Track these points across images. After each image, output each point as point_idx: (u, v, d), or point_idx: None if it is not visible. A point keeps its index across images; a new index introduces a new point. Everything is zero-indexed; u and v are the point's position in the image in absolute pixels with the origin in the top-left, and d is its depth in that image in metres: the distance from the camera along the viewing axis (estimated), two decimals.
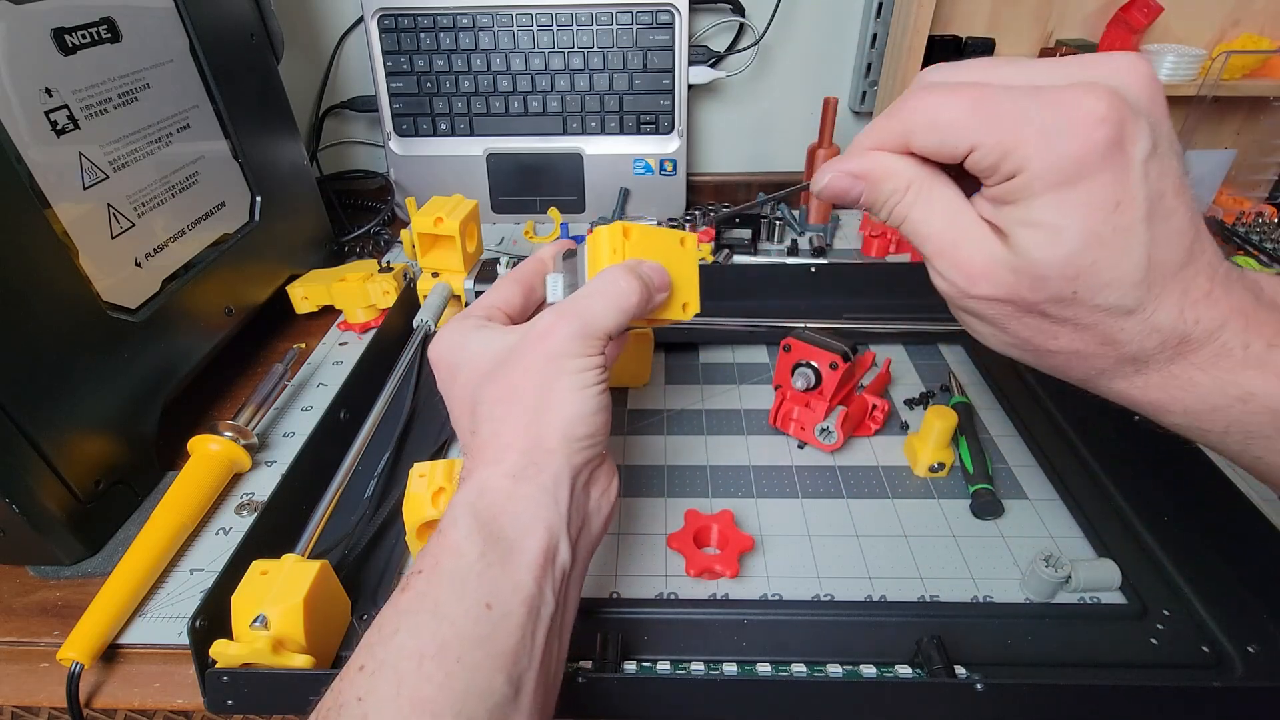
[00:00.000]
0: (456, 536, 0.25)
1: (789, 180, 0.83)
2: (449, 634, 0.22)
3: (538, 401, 0.27)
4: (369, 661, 0.22)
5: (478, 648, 0.23)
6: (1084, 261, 0.21)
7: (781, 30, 0.77)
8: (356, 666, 0.22)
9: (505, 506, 0.26)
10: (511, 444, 0.27)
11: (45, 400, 0.36)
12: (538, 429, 0.27)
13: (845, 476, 0.44)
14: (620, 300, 0.28)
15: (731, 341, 0.56)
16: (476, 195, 0.73)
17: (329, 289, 0.59)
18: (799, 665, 0.33)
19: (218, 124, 0.52)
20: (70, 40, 0.39)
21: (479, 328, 0.30)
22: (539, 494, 0.26)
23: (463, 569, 0.24)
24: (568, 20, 0.70)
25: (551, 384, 0.27)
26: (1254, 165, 0.73)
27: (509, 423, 0.27)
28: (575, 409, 0.27)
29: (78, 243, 0.39)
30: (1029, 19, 0.70)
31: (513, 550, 0.25)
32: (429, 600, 0.23)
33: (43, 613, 0.37)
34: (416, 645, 0.22)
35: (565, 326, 0.28)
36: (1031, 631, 0.34)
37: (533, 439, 0.27)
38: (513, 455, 0.27)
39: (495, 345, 0.29)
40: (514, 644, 0.23)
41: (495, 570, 0.24)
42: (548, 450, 0.27)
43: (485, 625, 0.23)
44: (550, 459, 0.27)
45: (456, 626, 0.23)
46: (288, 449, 0.47)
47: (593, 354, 0.28)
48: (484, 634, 0.23)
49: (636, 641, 0.34)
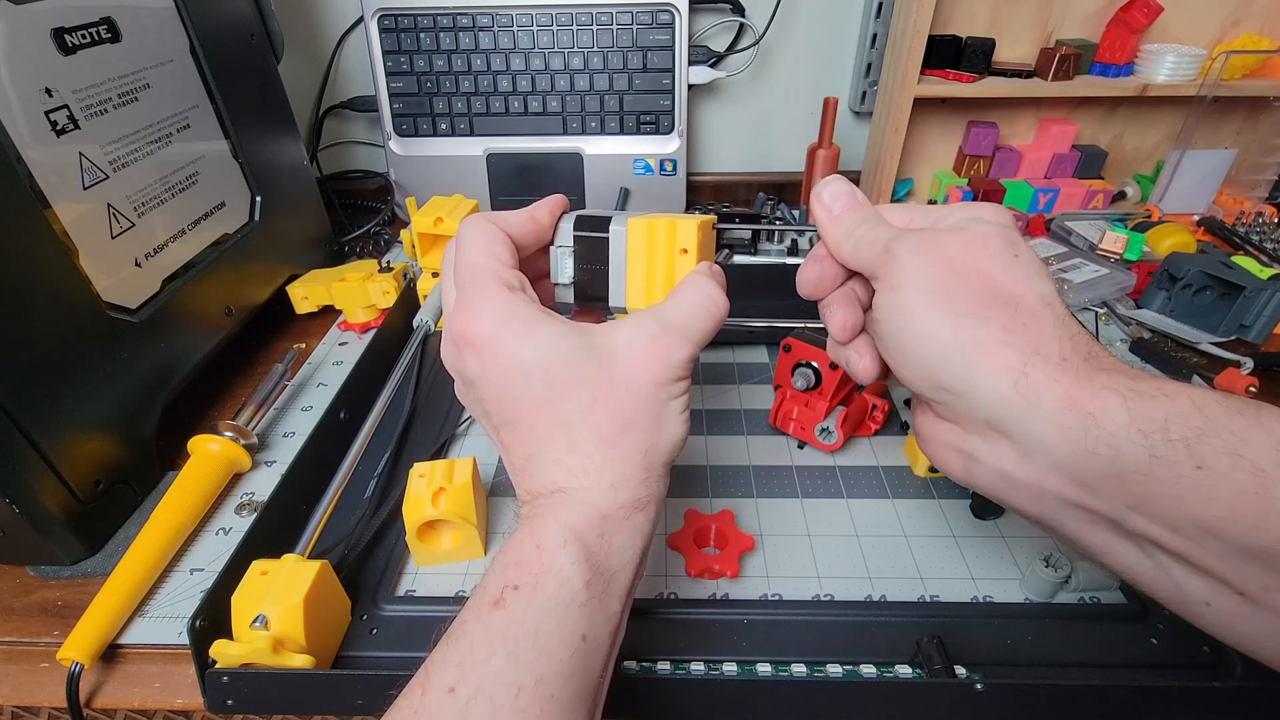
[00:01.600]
0: (563, 560, 0.23)
1: (789, 180, 0.83)
2: (546, 668, 0.22)
3: (650, 426, 0.26)
4: (461, 685, 0.21)
5: (570, 683, 0.22)
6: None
7: (781, 30, 0.77)
8: (446, 687, 0.21)
9: (618, 539, 0.25)
10: (629, 475, 0.25)
11: (45, 400, 0.36)
12: (651, 459, 0.26)
13: (845, 476, 0.44)
14: (716, 315, 0.27)
15: (731, 341, 0.56)
16: (476, 195, 0.73)
17: (329, 289, 0.59)
18: (799, 665, 0.33)
19: (218, 124, 0.52)
20: (70, 40, 0.39)
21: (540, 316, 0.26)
22: (646, 523, 0.26)
23: (565, 597, 0.23)
24: (568, 20, 0.70)
25: (662, 409, 0.26)
26: (1254, 165, 0.73)
27: (624, 449, 0.25)
28: (679, 431, 0.26)
29: (78, 243, 0.39)
30: (1029, 19, 0.70)
31: (614, 581, 0.24)
32: (529, 625, 0.22)
33: (43, 613, 0.37)
34: (515, 676, 0.21)
35: (679, 350, 0.26)
36: (1031, 631, 0.34)
37: (647, 469, 0.26)
38: (630, 486, 0.25)
39: (572, 345, 0.26)
40: (598, 677, 0.23)
41: (595, 602, 0.23)
42: (659, 478, 0.26)
43: (579, 659, 0.22)
44: (660, 485, 0.26)
45: (554, 660, 0.22)
46: (288, 449, 0.47)
47: (690, 371, 0.27)
48: (577, 667, 0.22)
49: (636, 641, 0.34)
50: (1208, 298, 0.57)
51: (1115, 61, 0.68)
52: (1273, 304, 0.53)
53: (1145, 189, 0.76)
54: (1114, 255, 0.65)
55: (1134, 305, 0.60)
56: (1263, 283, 0.54)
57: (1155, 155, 0.77)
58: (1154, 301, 0.59)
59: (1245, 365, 0.51)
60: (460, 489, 0.37)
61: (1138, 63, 0.69)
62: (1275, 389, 0.50)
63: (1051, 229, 0.71)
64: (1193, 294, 0.57)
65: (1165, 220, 0.69)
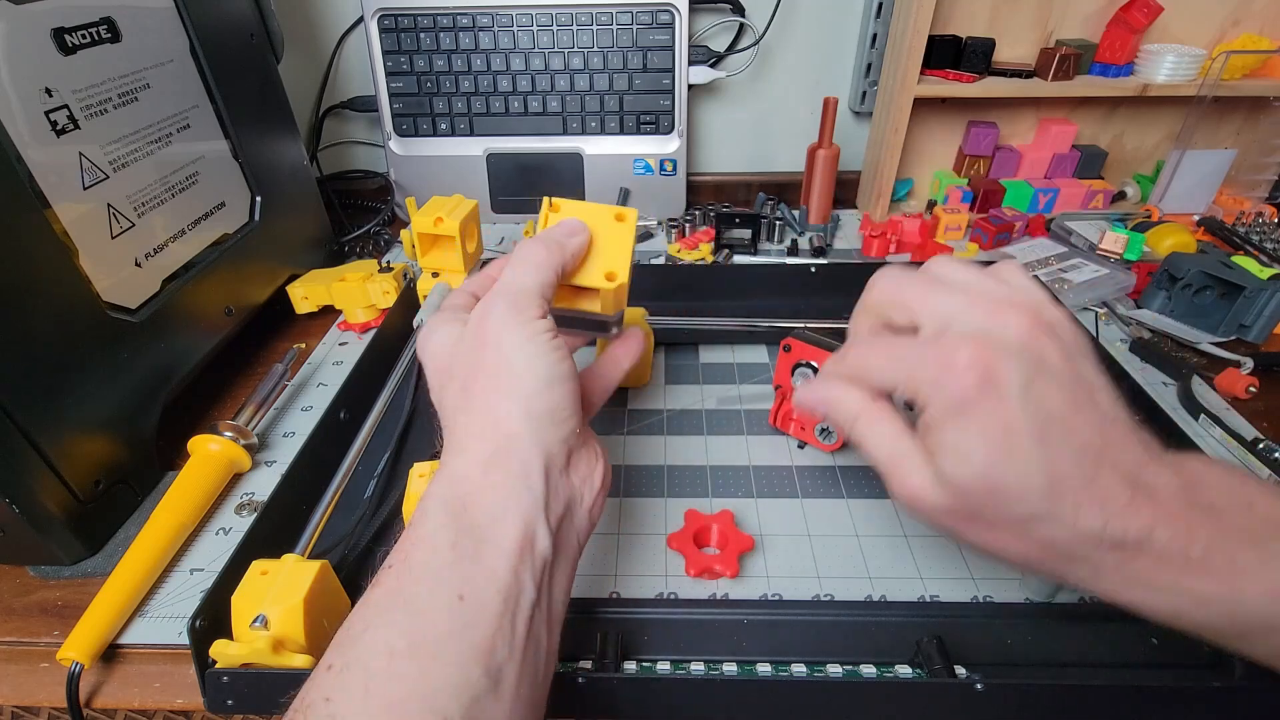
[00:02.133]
0: (428, 529, 0.24)
1: (789, 180, 0.83)
2: (421, 629, 0.22)
3: (493, 384, 0.27)
4: (337, 660, 0.22)
5: (450, 641, 0.22)
6: (993, 477, 0.23)
7: (781, 30, 0.77)
8: (325, 666, 0.22)
9: (476, 496, 0.25)
10: (476, 432, 0.27)
11: (45, 400, 0.36)
12: (497, 412, 0.27)
13: (845, 476, 0.44)
14: (531, 259, 0.29)
15: (731, 341, 0.56)
16: (476, 195, 0.73)
17: (329, 289, 0.59)
18: (799, 665, 0.33)
19: (218, 124, 0.52)
20: (70, 40, 0.39)
21: (445, 321, 0.30)
22: (509, 480, 0.26)
23: (434, 562, 0.24)
24: (568, 20, 0.70)
25: (502, 363, 0.27)
26: (1254, 165, 0.73)
27: (471, 411, 0.27)
28: (531, 383, 0.27)
29: (78, 243, 0.39)
30: (1029, 19, 0.70)
31: (485, 540, 0.24)
32: (400, 595, 0.23)
33: (43, 613, 0.37)
34: (386, 641, 0.22)
35: (495, 301, 0.28)
36: (1031, 631, 0.34)
37: (494, 423, 0.27)
38: (478, 443, 0.26)
39: (450, 338, 0.29)
40: (489, 635, 0.23)
41: (468, 561, 0.24)
42: (511, 434, 0.26)
43: (459, 617, 0.23)
44: (516, 443, 0.26)
45: (428, 620, 0.22)
46: (288, 449, 0.47)
47: (531, 318, 0.28)
48: (457, 626, 0.22)
49: (636, 641, 0.34)
50: (1208, 298, 0.57)
51: (1115, 61, 0.68)
52: (1273, 304, 0.53)
53: (1145, 189, 0.76)
54: (1114, 255, 0.65)
55: (1134, 305, 0.60)
56: (1263, 283, 0.54)
57: (1155, 155, 0.77)
58: (1154, 301, 0.59)
59: (1245, 365, 0.51)
60: None
61: (1138, 63, 0.69)
62: (1275, 389, 0.50)
63: (1051, 229, 0.71)
64: (1193, 294, 0.57)
65: (1165, 220, 0.69)
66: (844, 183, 0.77)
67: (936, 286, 0.26)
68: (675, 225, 0.73)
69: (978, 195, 0.74)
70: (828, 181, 0.73)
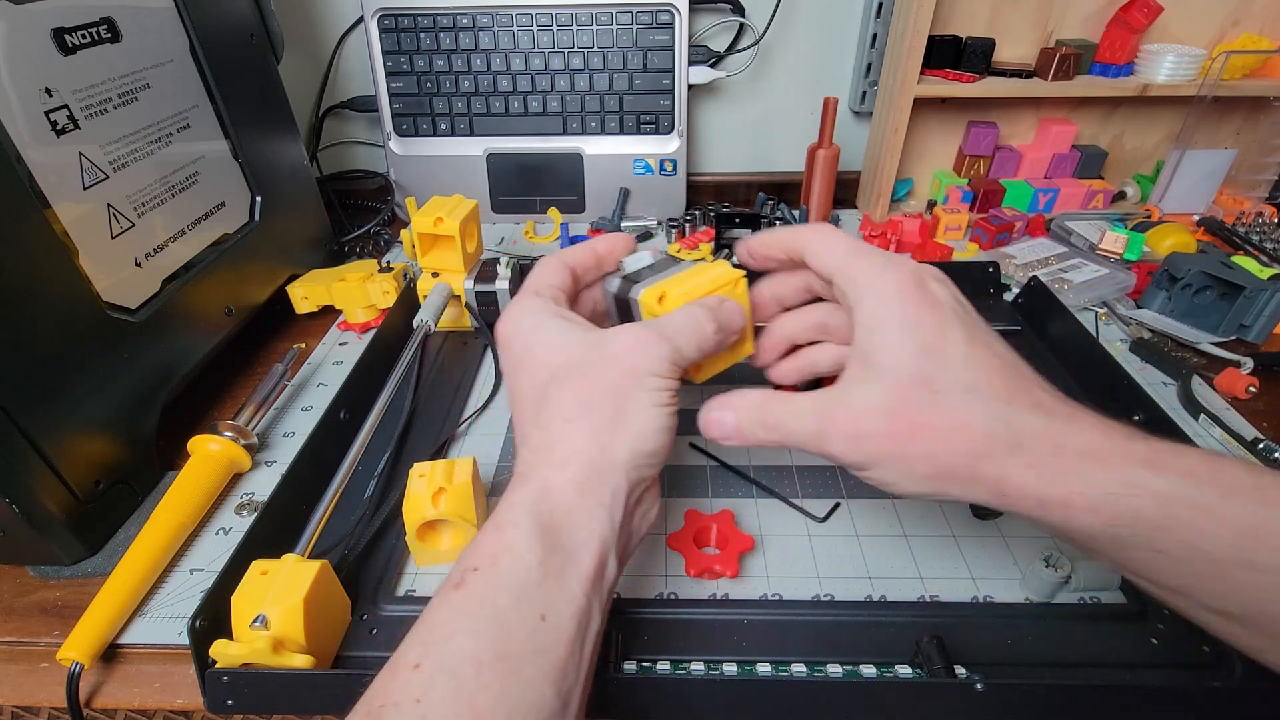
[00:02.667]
0: (516, 538, 0.25)
1: (789, 180, 0.83)
2: (507, 644, 0.22)
3: (614, 413, 0.27)
4: (425, 661, 0.22)
5: (532, 659, 0.23)
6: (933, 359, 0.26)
7: (781, 30, 0.77)
8: (411, 664, 0.22)
9: (567, 516, 0.26)
10: (580, 450, 0.27)
11: (45, 400, 0.36)
12: (608, 440, 0.27)
13: (845, 476, 0.43)
14: (701, 332, 0.30)
15: None
16: (476, 195, 0.73)
17: (329, 289, 0.59)
18: (799, 665, 0.33)
19: (218, 124, 0.52)
20: (70, 40, 0.39)
21: (555, 315, 0.30)
22: (599, 507, 0.26)
23: (521, 575, 0.24)
24: (568, 20, 0.70)
25: (630, 398, 0.27)
26: (1254, 165, 0.73)
27: (581, 427, 0.27)
28: (647, 426, 0.27)
29: (78, 243, 0.39)
30: (1029, 19, 0.70)
31: (569, 561, 0.25)
32: (487, 604, 0.23)
33: (43, 613, 0.37)
34: (475, 651, 0.22)
35: (657, 346, 0.28)
36: (1031, 631, 0.34)
37: (601, 449, 0.27)
38: (580, 463, 0.27)
39: (573, 339, 0.29)
40: (564, 658, 0.23)
41: (552, 580, 0.24)
42: (614, 463, 0.27)
43: (541, 637, 0.23)
44: (614, 473, 0.27)
45: (513, 636, 0.23)
46: (288, 449, 0.47)
47: (673, 376, 0.28)
48: (539, 646, 0.23)
49: (636, 641, 0.34)
50: (1208, 298, 0.57)
51: (1115, 61, 0.68)
52: (1273, 304, 0.53)
53: (1145, 189, 0.76)
54: (1114, 255, 0.65)
55: (1134, 305, 0.60)
56: (1263, 283, 0.54)
57: (1155, 155, 0.77)
58: (1154, 301, 0.59)
59: (1245, 365, 0.51)
60: (460, 489, 0.37)
61: (1138, 63, 0.69)
62: (1275, 389, 0.50)
63: (1051, 229, 0.71)
64: (1193, 294, 0.57)
65: (1165, 220, 0.69)
66: (844, 183, 0.77)
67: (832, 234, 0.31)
68: (675, 225, 0.73)
69: (978, 195, 0.74)
70: (828, 181, 0.73)
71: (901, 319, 0.27)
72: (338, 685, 0.30)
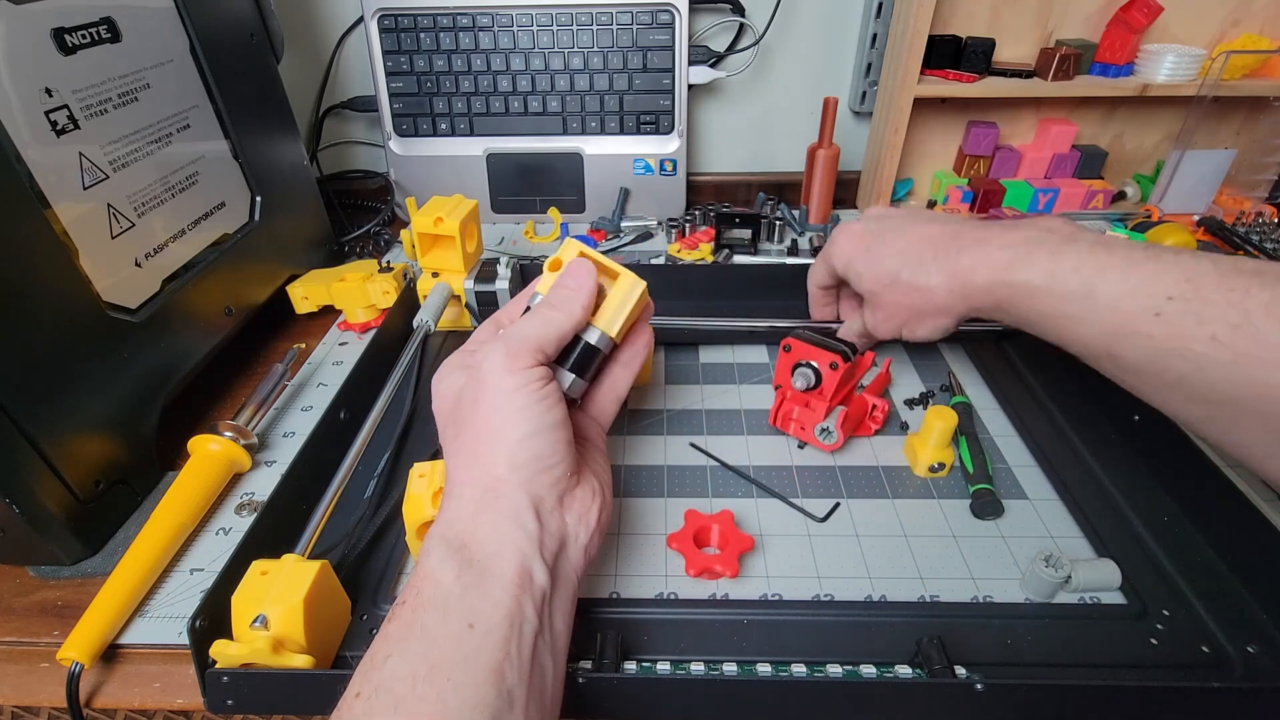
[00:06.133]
0: (431, 564, 0.26)
1: (789, 180, 0.83)
2: (437, 655, 0.23)
3: (484, 431, 0.28)
4: (364, 688, 0.23)
5: (465, 664, 0.23)
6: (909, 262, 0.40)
7: (781, 30, 0.77)
8: (353, 694, 0.23)
9: (472, 535, 0.27)
10: (465, 478, 0.28)
11: (45, 400, 0.36)
12: (484, 460, 0.28)
13: (845, 476, 0.43)
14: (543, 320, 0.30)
15: (731, 341, 0.56)
16: (476, 195, 0.73)
17: (329, 289, 0.59)
18: (799, 665, 0.33)
19: (218, 124, 0.52)
20: (70, 40, 0.39)
21: (455, 366, 0.32)
22: (500, 520, 0.27)
23: (442, 594, 0.25)
24: (568, 20, 0.70)
25: (492, 411, 0.28)
26: (1254, 165, 0.73)
27: (462, 457, 0.29)
28: (519, 431, 0.28)
29: (78, 243, 0.39)
30: (1029, 19, 0.70)
31: (486, 572, 0.26)
32: (415, 626, 0.24)
33: (43, 613, 0.37)
34: (409, 668, 0.23)
35: (492, 352, 0.29)
36: (1031, 631, 0.34)
37: (480, 470, 0.28)
38: (469, 489, 0.28)
39: (456, 385, 0.31)
40: (499, 658, 0.24)
41: (473, 592, 0.25)
42: (497, 479, 0.28)
43: (469, 643, 0.24)
44: (504, 487, 0.28)
45: (443, 647, 0.24)
46: (288, 449, 0.47)
47: (523, 368, 0.28)
48: (469, 651, 0.24)
49: (636, 641, 0.34)
50: None
51: (1115, 61, 0.68)
52: None
53: (1145, 189, 0.76)
54: None
55: None
56: None
57: (1155, 155, 0.77)
58: None
59: None
60: None
61: (1138, 63, 0.69)
62: None
63: None
64: None
65: (1165, 220, 0.69)
66: (844, 183, 0.77)
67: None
68: (675, 225, 0.73)
69: (978, 195, 0.74)
70: (828, 181, 0.73)
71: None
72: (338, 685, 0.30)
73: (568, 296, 0.31)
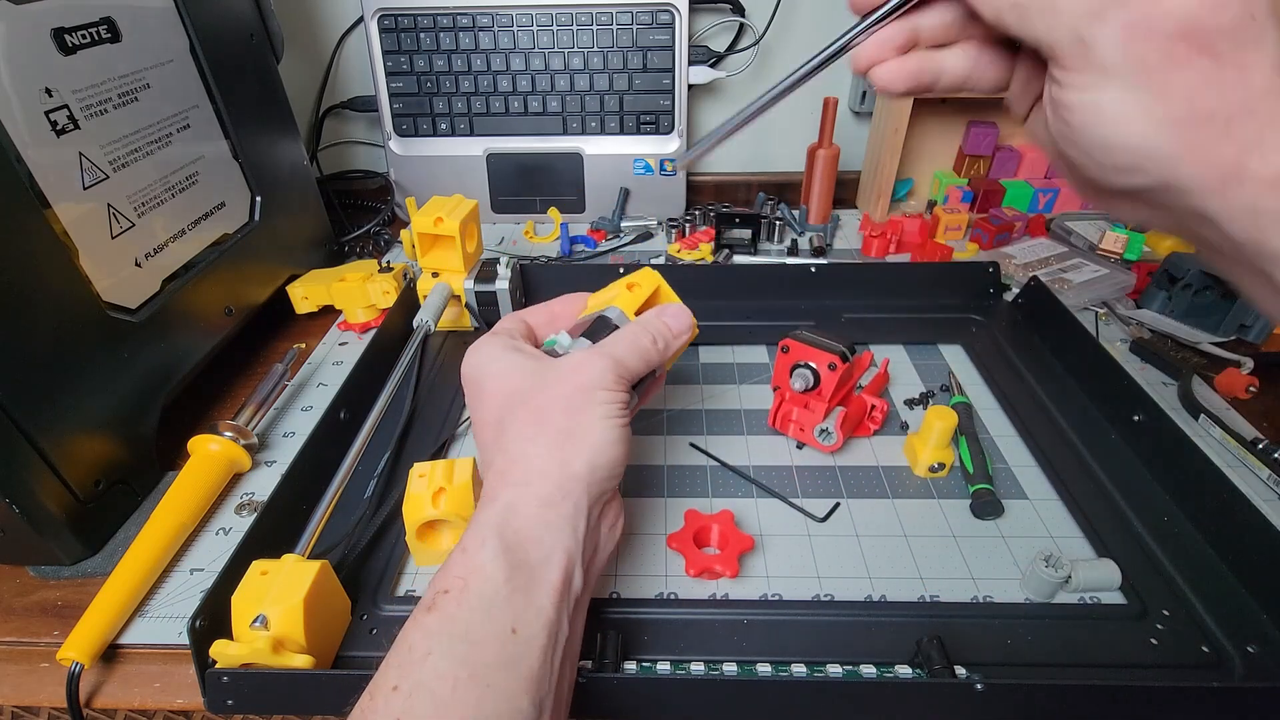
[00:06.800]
0: (484, 559, 0.26)
1: (789, 180, 0.83)
2: (479, 659, 0.23)
3: (568, 428, 0.29)
4: (404, 683, 0.23)
5: (505, 672, 0.24)
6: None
7: (781, 30, 0.77)
8: (389, 686, 0.23)
9: (531, 532, 0.27)
10: (540, 467, 0.28)
11: (45, 400, 0.36)
12: (566, 454, 0.28)
13: (845, 477, 0.43)
14: (644, 353, 0.32)
15: (731, 341, 0.56)
16: (476, 195, 0.73)
17: (329, 289, 0.59)
18: (799, 665, 0.33)
19: (218, 124, 0.52)
20: (70, 40, 0.39)
21: (509, 348, 0.32)
22: (562, 522, 0.27)
23: (489, 593, 0.25)
24: (568, 20, 0.70)
25: (581, 413, 0.29)
26: None
27: (538, 445, 0.29)
28: (602, 438, 0.29)
29: (78, 243, 0.39)
30: None
31: (535, 577, 0.26)
32: (459, 623, 0.24)
33: (43, 613, 0.37)
34: (450, 669, 0.23)
35: (599, 361, 0.30)
36: (1031, 631, 0.34)
37: (560, 464, 0.28)
38: (540, 480, 0.28)
39: (526, 367, 0.31)
40: (537, 668, 0.24)
41: (520, 596, 0.25)
42: (574, 477, 0.28)
43: (511, 650, 0.24)
44: (575, 486, 0.28)
45: (485, 651, 0.24)
46: (288, 449, 0.47)
47: (620, 389, 0.30)
48: (510, 658, 0.24)
49: (636, 641, 0.34)
50: (1208, 298, 0.57)
51: None
52: None
53: None
54: (1114, 255, 0.65)
55: (1134, 305, 0.60)
56: None
57: None
58: (1154, 301, 0.59)
59: (1245, 365, 0.51)
60: (460, 489, 0.37)
61: None
62: (1275, 389, 0.50)
63: (1051, 229, 0.71)
64: (1193, 294, 0.57)
65: None
66: (844, 183, 0.77)
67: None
68: (675, 225, 0.73)
69: (978, 195, 0.74)
70: (828, 181, 0.73)
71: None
72: (338, 685, 0.30)
73: (670, 342, 0.34)
